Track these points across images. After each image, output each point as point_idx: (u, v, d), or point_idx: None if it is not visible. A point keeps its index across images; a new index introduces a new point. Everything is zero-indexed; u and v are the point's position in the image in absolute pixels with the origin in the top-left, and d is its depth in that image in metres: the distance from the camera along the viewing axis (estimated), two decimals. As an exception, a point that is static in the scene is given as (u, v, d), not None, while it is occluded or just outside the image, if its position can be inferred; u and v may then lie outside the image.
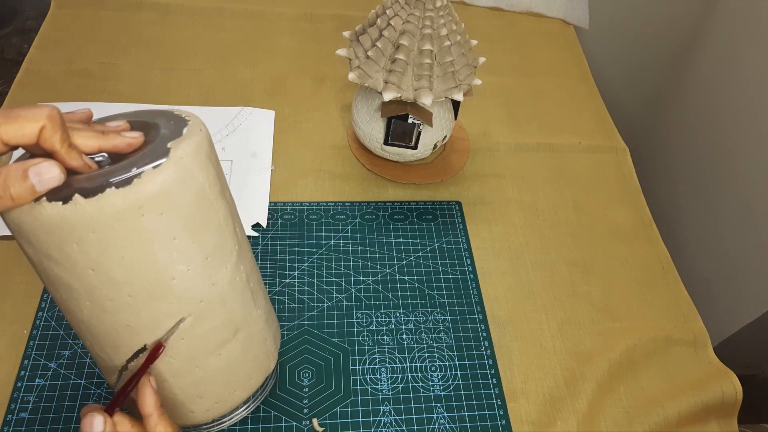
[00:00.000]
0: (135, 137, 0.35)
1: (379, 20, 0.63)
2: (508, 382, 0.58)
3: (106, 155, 0.35)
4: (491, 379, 0.58)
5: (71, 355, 0.55)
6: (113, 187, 0.31)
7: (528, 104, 0.88)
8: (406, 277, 0.65)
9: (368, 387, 0.56)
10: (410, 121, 0.66)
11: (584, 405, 0.57)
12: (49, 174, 0.30)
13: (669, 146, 1.15)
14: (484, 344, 0.60)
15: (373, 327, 0.61)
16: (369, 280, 0.64)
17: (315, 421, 0.53)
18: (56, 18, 0.89)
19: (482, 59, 0.67)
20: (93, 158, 0.34)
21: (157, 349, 0.37)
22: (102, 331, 0.37)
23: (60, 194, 0.31)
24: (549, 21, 1.03)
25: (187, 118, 0.37)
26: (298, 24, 0.94)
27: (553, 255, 0.70)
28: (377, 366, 0.58)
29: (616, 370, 0.60)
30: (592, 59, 1.01)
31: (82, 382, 0.54)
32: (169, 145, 0.34)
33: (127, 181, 0.32)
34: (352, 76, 0.64)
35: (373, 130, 0.69)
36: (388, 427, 0.54)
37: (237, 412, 0.51)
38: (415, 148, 0.70)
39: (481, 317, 0.63)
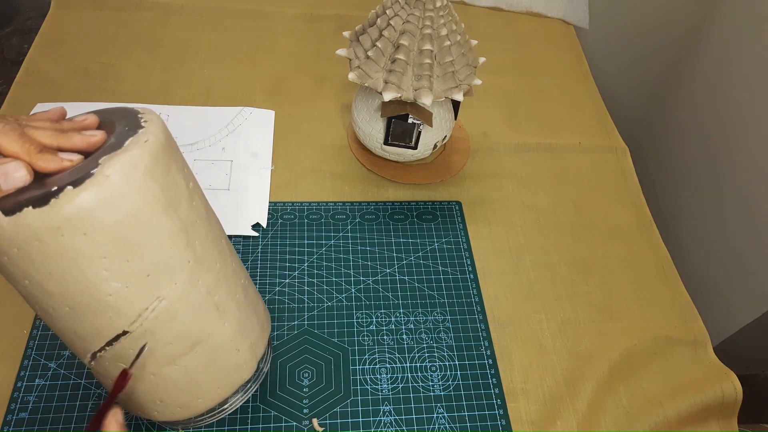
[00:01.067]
0: (95, 136, 0.34)
1: (379, 20, 0.63)
2: (508, 382, 0.58)
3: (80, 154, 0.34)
4: (491, 379, 0.58)
5: (71, 355, 0.55)
6: (30, 207, 0.30)
7: (528, 104, 0.88)
8: (406, 277, 0.65)
9: (368, 387, 0.56)
10: (410, 121, 0.66)
11: (584, 405, 0.57)
12: (15, 174, 0.31)
13: (669, 146, 1.15)
14: (484, 344, 0.60)
15: (373, 327, 0.61)
16: (369, 280, 0.64)
17: (315, 421, 0.53)
18: (56, 18, 0.89)
19: (482, 59, 0.67)
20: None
21: (123, 378, 0.37)
22: (56, 332, 0.38)
23: (7, 210, 0.31)
24: (549, 21, 1.03)
25: (143, 122, 0.36)
26: (298, 24, 0.94)
27: (553, 255, 0.70)
28: (377, 366, 0.58)
29: (616, 370, 0.60)
30: (592, 59, 1.01)
31: (82, 382, 0.54)
32: (101, 161, 0.32)
33: (44, 201, 0.31)
34: (352, 76, 0.64)
35: (373, 130, 0.69)
36: (388, 427, 0.54)
37: (216, 412, 0.49)
38: (415, 148, 0.70)
39: (481, 317, 0.63)
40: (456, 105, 0.71)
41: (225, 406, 0.49)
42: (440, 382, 0.57)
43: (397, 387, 0.57)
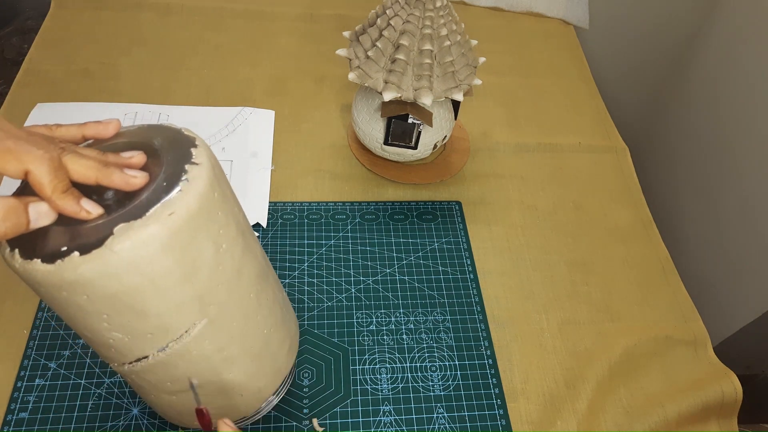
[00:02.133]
0: (136, 178, 0.33)
1: (379, 20, 0.62)
2: (508, 382, 0.58)
3: (111, 193, 0.33)
4: (491, 379, 0.58)
5: (71, 355, 0.55)
6: (39, 260, 0.31)
7: (528, 104, 0.88)
8: (406, 277, 0.65)
9: (368, 387, 0.56)
10: (410, 121, 0.66)
11: (584, 405, 0.57)
12: (46, 218, 0.31)
13: (669, 146, 1.15)
14: (484, 344, 0.60)
15: (373, 327, 0.61)
16: (369, 280, 0.64)
17: (315, 421, 0.53)
18: (56, 18, 0.89)
19: (482, 59, 0.67)
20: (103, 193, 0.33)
21: (201, 416, 0.39)
22: (93, 344, 0.39)
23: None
24: (549, 21, 1.03)
25: (184, 175, 0.33)
26: (298, 24, 0.94)
27: (553, 255, 0.70)
28: (377, 366, 0.58)
29: (616, 370, 0.60)
30: (592, 59, 1.01)
31: (82, 382, 0.54)
32: (116, 230, 0.31)
33: (51, 260, 0.31)
34: (352, 76, 0.64)
35: (373, 130, 0.69)
36: (388, 427, 0.54)
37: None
38: (415, 148, 0.70)
39: (481, 317, 0.63)
40: (456, 105, 0.71)
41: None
42: (440, 382, 0.57)
43: (397, 387, 0.57)
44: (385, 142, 0.70)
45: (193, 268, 0.34)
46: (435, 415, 0.55)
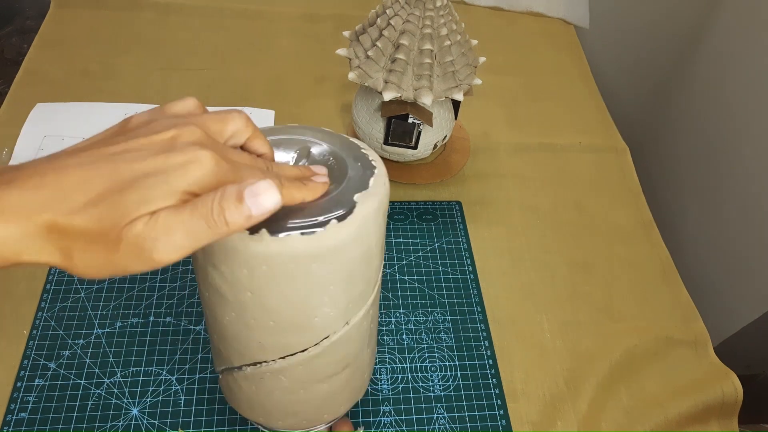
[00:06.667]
0: (325, 185, 0.34)
1: (379, 20, 0.62)
2: (509, 382, 0.58)
3: None
4: (491, 380, 0.58)
5: (71, 356, 0.55)
6: (298, 233, 0.31)
7: (528, 104, 0.87)
8: (406, 277, 0.65)
9: (368, 387, 0.56)
10: (410, 121, 0.66)
11: (585, 405, 0.57)
12: (267, 195, 0.26)
13: (669, 146, 1.15)
14: (484, 344, 0.60)
15: (373, 327, 0.60)
16: (369, 280, 0.64)
17: (315, 422, 0.53)
18: (56, 18, 0.89)
19: (482, 59, 0.67)
20: None
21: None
22: (234, 339, 0.39)
23: (270, 228, 0.32)
24: (549, 21, 1.03)
25: (374, 163, 0.37)
26: (298, 24, 0.94)
27: (553, 255, 0.69)
28: (377, 366, 0.58)
29: (617, 370, 0.60)
30: (592, 59, 1.01)
31: (82, 382, 0.53)
32: (356, 198, 0.34)
33: (312, 231, 0.32)
34: (352, 75, 0.64)
35: (373, 130, 0.69)
36: (388, 427, 0.54)
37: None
38: (415, 148, 0.70)
39: (481, 317, 0.62)
40: (456, 105, 0.71)
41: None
42: (440, 383, 0.57)
43: (397, 387, 0.56)
44: (385, 142, 0.70)
45: (383, 237, 0.38)
46: (435, 416, 0.55)
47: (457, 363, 0.59)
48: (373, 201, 0.34)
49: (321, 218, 0.32)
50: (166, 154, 0.26)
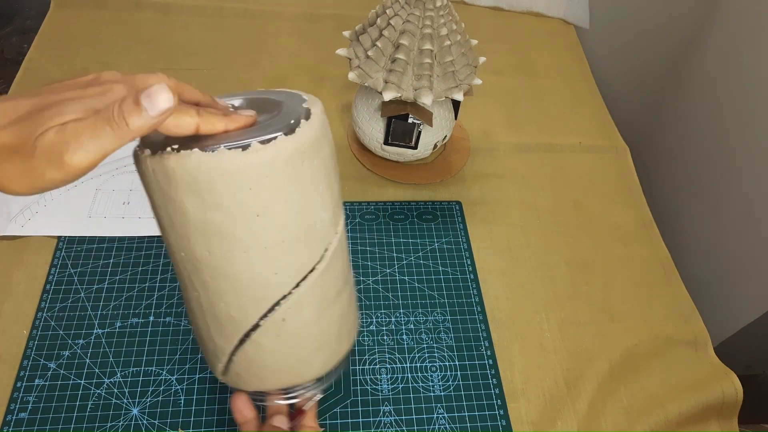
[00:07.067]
0: (250, 116, 0.37)
1: (379, 20, 0.62)
2: (508, 382, 0.58)
3: None
4: (491, 379, 0.58)
5: (71, 356, 0.55)
6: (283, 135, 0.34)
7: (528, 104, 0.87)
8: (406, 277, 0.65)
9: (368, 387, 0.56)
10: (410, 121, 0.66)
11: (584, 405, 0.57)
12: (160, 96, 0.30)
13: (669, 146, 1.15)
14: (484, 344, 0.60)
15: (373, 327, 0.60)
16: (369, 280, 0.64)
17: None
18: (56, 18, 0.89)
19: (482, 59, 0.67)
20: None
21: None
22: (248, 285, 0.39)
23: (237, 143, 0.33)
24: (549, 21, 1.03)
25: (295, 92, 0.40)
26: (298, 24, 0.94)
27: (553, 255, 0.69)
28: (377, 366, 0.58)
29: (617, 370, 0.60)
30: (592, 59, 1.01)
31: (82, 382, 0.53)
32: (304, 105, 0.37)
33: (291, 130, 0.35)
34: (352, 75, 0.64)
35: (373, 130, 0.69)
36: (388, 427, 0.54)
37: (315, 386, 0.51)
38: (415, 148, 0.70)
39: (481, 317, 0.62)
40: (456, 105, 0.71)
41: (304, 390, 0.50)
42: (440, 382, 0.57)
43: (397, 387, 0.56)
44: (385, 142, 0.70)
45: (335, 179, 0.40)
46: (435, 416, 0.55)
47: (457, 363, 0.59)
48: (317, 106, 0.38)
49: (291, 121, 0.35)
50: (85, 88, 0.31)
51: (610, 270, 0.69)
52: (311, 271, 0.40)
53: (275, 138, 0.34)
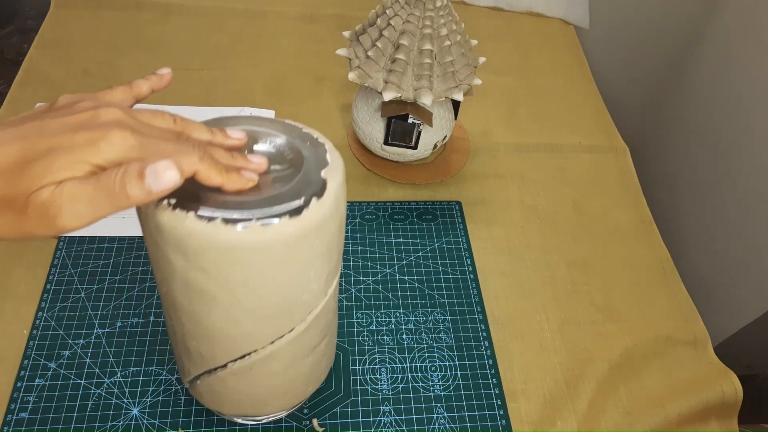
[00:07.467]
0: (251, 181, 0.34)
1: (379, 20, 0.62)
2: (508, 382, 0.58)
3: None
4: (491, 379, 0.58)
5: (71, 355, 0.55)
6: (287, 216, 0.32)
7: (528, 104, 0.87)
8: (406, 277, 0.65)
9: (368, 387, 0.56)
10: (410, 121, 0.66)
11: (584, 405, 0.57)
12: (166, 174, 0.28)
13: (669, 146, 1.15)
14: (484, 344, 0.60)
15: (373, 327, 0.60)
16: (369, 280, 0.64)
17: (315, 422, 0.53)
18: (56, 18, 0.89)
19: (482, 59, 0.67)
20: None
21: None
22: (222, 337, 0.39)
23: (235, 216, 0.32)
24: (549, 21, 1.03)
25: (320, 140, 0.39)
26: (298, 24, 0.94)
27: (553, 255, 0.70)
28: (377, 366, 0.58)
29: (617, 370, 0.60)
30: (592, 59, 1.01)
31: (82, 382, 0.54)
32: (323, 174, 0.36)
33: (297, 211, 0.33)
34: (352, 76, 0.64)
35: (373, 130, 0.69)
36: (388, 427, 0.54)
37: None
38: (415, 148, 0.70)
39: (481, 317, 0.62)
40: (456, 105, 0.71)
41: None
42: (440, 382, 0.57)
43: (397, 387, 0.56)
44: (385, 142, 0.70)
45: (337, 247, 0.39)
46: (435, 415, 0.55)
47: (457, 363, 0.59)
48: (337, 174, 0.36)
49: (302, 200, 0.33)
50: (76, 131, 0.28)
51: (610, 270, 0.69)
52: (290, 331, 0.39)
53: (278, 220, 0.32)
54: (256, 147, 0.38)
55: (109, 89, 0.35)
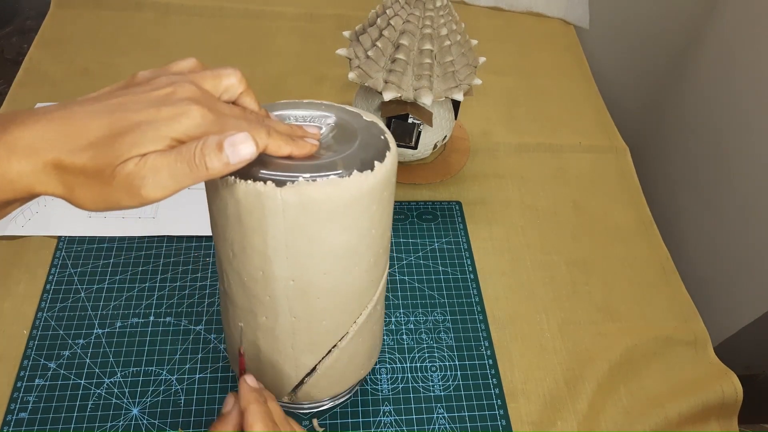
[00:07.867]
0: (314, 146, 0.36)
1: (379, 20, 0.62)
2: (508, 382, 0.58)
3: None
4: (491, 379, 0.58)
5: (71, 355, 0.55)
6: (356, 171, 0.35)
7: (528, 104, 0.87)
8: (406, 277, 0.65)
9: (368, 387, 0.56)
10: (410, 121, 0.66)
11: (584, 405, 0.57)
12: (244, 146, 0.30)
13: (669, 146, 1.15)
14: (484, 344, 0.60)
15: (373, 327, 0.60)
16: (369, 280, 0.64)
17: (315, 422, 0.53)
18: (56, 18, 0.89)
19: (482, 59, 0.67)
20: None
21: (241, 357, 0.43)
22: (353, 292, 0.42)
23: (318, 173, 0.34)
24: (549, 21, 1.03)
25: (366, 118, 0.41)
26: (298, 24, 0.94)
27: (553, 255, 0.70)
28: (377, 366, 0.58)
29: (617, 370, 0.60)
30: (592, 59, 1.01)
31: (82, 382, 0.54)
32: (383, 136, 0.38)
33: (370, 166, 0.36)
34: (352, 75, 0.64)
35: (373, 130, 0.69)
36: (388, 427, 0.54)
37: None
38: (415, 148, 0.70)
39: (481, 317, 0.62)
40: (456, 105, 0.71)
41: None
42: (440, 382, 0.57)
43: (397, 387, 0.56)
44: (385, 142, 0.70)
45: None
46: (435, 416, 0.55)
47: (457, 363, 0.59)
48: (392, 143, 0.39)
49: (373, 157, 0.36)
50: (159, 107, 0.30)
51: (610, 270, 0.69)
52: (380, 284, 0.44)
53: (362, 172, 0.35)
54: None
55: (179, 60, 0.37)
